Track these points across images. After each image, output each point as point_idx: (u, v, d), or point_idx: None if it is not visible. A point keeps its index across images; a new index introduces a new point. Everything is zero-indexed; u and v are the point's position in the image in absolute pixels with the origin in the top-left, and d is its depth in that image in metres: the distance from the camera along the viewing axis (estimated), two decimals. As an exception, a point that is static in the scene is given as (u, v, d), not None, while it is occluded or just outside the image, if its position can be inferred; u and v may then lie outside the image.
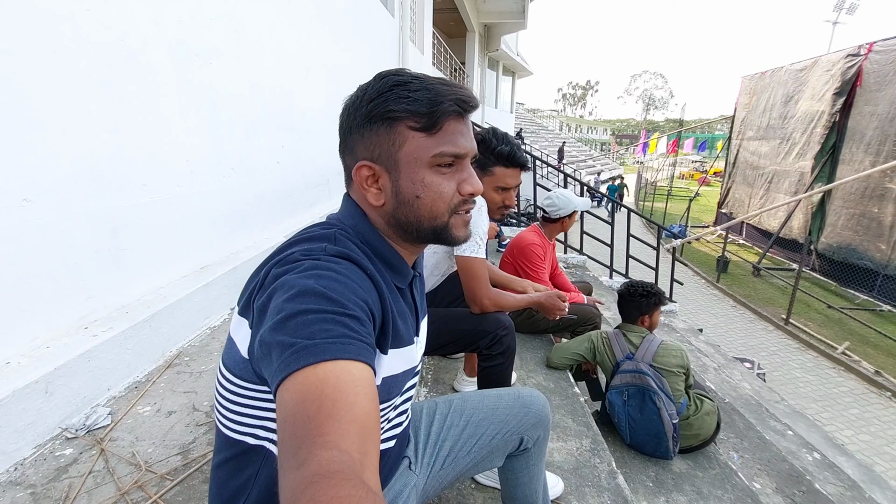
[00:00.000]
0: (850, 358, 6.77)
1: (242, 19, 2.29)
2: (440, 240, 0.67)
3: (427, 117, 0.60)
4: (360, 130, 0.63)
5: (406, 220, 0.65)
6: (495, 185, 1.53)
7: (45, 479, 1.11)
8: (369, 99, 0.62)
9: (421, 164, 0.62)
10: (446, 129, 0.61)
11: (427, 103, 0.60)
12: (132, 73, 1.62)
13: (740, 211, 13.45)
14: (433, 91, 0.60)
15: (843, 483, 2.66)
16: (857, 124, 9.73)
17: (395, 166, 0.62)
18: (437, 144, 0.61)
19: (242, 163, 2.35)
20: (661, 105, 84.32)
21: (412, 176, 0.62)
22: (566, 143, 26.71)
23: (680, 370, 2.12)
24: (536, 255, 2.44)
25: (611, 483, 1.47)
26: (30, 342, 1.31)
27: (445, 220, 0.65)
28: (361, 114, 0.62)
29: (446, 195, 0.64)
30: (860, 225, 9.38)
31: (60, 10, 1.35)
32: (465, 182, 0.65)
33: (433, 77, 0.63)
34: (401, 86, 0.60)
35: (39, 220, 1.31)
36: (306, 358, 0.45)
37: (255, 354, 0.52)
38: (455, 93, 0.61)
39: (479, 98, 0.65)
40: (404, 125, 0.61)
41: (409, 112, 0.60)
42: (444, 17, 11.51)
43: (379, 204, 0.65)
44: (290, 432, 0.41)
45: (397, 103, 0.60)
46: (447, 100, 0.60)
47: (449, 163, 0.63)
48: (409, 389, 0.77)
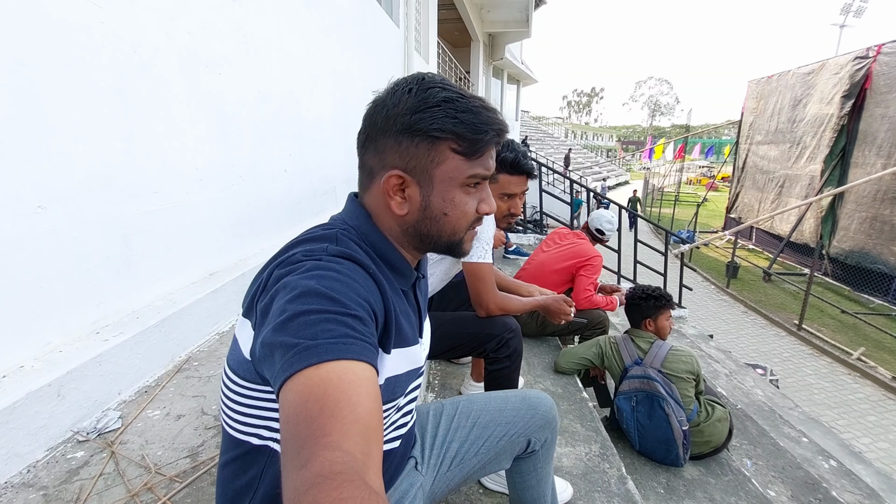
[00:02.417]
0: (866, 364, 6.63)
1: (251, 30, 2.34)
2: (451, 252, 0.69)
3: (471, 143, 0.62)
4: (398, 138, 0.62)
5: (427, 233, 0.66)
6: (500, 192, 1.50)
7: (57, 481, 1.13)
8: (413, 108, 0.61)
9: (454, 183, 0.64)
10: (484, 154, 0.64)
11: (472, 129, 0.61)
12: (144, 83, 1.66)
13: (750, 216, 13.32)
14: (478, 116, 0.61)
15: (862, 491, 2.60)
16: (867, 127, 9.64)
17: (429, 182, 0.63)
18: (472, 167, 0.63)
19: (251, 171, 2.39)
20: (666, 111, 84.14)
21: (444, 194, 0.64)
22: (572, 150, 26.72)
23: (690, 376, 2.10)
24: (600, 268, 2.61)
25: (621, 488, 1.45)
26: (43, 346, 1.33)
27: (462, 235, 0.68)
28: (403, 122, 0.61)
29: (470, 214, 0.67)
30: (873, 228, 9.24)
31: (76, 23, 1.39)
32: (484, 202, 0.68)
33: (475, 96, 0.64)
34: (449, 102, 0.61)
35: (54, 226, 1.34)
36: (309, 358, 0.45)
37: (257, 355, 0.52)
38: (497, 122, 0.63)
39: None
40: (447, 146, 0.62)
41: (455, 135, 0.61)
42: (448, 27, 11.62)
43: (401, 213, 0.65)
44: (293, 433, 0.41)
45: (444, 122, 0.60)
46: (491, 129, 0.62)
47: (476, 183, 0.66)
48: (414, 391, 0.77)
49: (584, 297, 2.45)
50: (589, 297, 2.48)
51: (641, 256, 5.42)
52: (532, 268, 2.67)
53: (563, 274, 2.54)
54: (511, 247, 4.95)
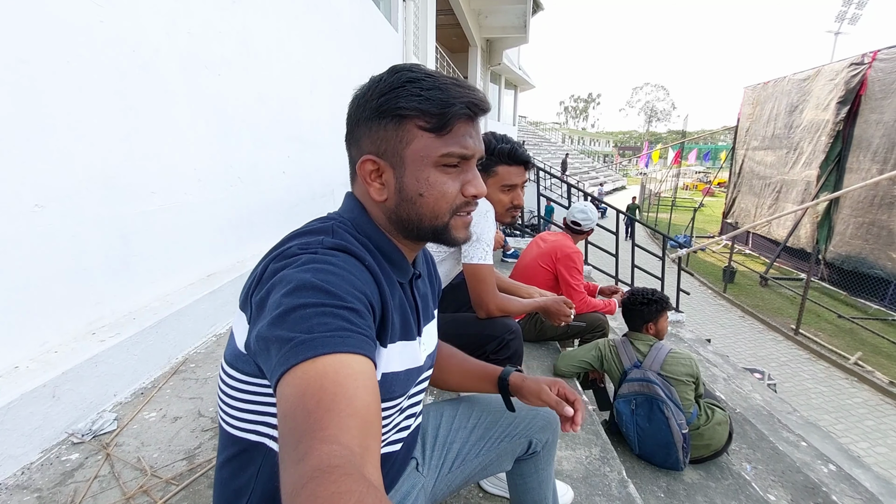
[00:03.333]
0: (863, 368, 6.64)
1: (251, 32, 2.34)
2: (439, 240, 0.67)
3: (437, 118, 0.60)
4: (368, 124, 0.62)
5: (407, 218, 0.64)
6: (500, 184, 1.50)
7: (52, 483, 1.11)
8: (380, 92, 0.61)
9: (427, 162, 0.61)
10: (455, 130, 0.61)
11: (438, 104, 0.59)
12: (144, 84, 1.66)
13: (746, 221, 13.37)
14: (445, 92, 0.60)
15: (861, 496, 2.59)
16: (863, 133, 9.71)
17: (401, 163, 0.62)
18: (445, 145, 0.61)
19: (250, 172, 2.38)
20: (663, 117, 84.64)
21: (417, 174, 0.62)
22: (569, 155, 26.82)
23: (689, 379, 2.09)
24: (581, 263, 2.49)
25: (621, 492, 1.44)
26: (38, 347, 1.31)
27: (446, 220, 0.65)
28: (371, 107, 0.62)
29: (450, 195, 0.63)
30: (870, 234, 9.28)
31: (76, 22, 1.39)
32: (469, 184, 0.65)
33: (447, 76, 0.62)
34: (413, 82, 0.60)
35: (51, 225, 1.33)
36: (305, 352, 0.44)
37: (252, 349, 0.52)
38: (467, 95, 0.61)
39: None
40: (413, 123, 0.60)
41: (420, 111, 0.59)
42: (446, 32, 11.69)
43: (381, 199, 0.64)
44: (291, 427, 0.41)
45: (408, 101, 0.59)
46: (459, 102, 0.60)
47: (454, 163, 0.63)
48: (417, 394, 0.76)
49: (579, 300, 2.40)
50: (583, 298, 2.44)
51: (639, 261, 5.43)
52: (517, 273, 2.63)
53: (546, 274, 2.47)
54: (509, 250, 4.95)
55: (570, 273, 2.43)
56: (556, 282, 2.48)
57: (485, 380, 0.92)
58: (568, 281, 2.42)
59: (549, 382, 0.84)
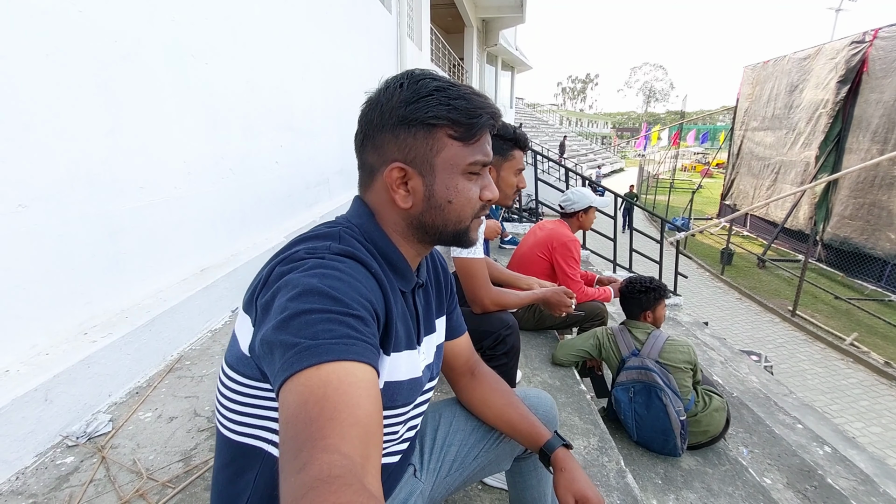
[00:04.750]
0: (859, 349, 6.71)
1: (238, 18, 2.26)
2: (459, 242, 0.69)
3: (465, 128, 0.62)
4: (395, 131, 0.63)
5: (432, 223, 0.66)
6: (515, 168, 1.52)
7: (47, 488, 1.10)
8: (407, 100, 0.62)
9: (456, 170, 0.64)
10: (481, 140, 0.65)
11: (466, 114, 0.62)
12: (127, 75, 1.60)
13: (744, 202, 13.34)
14: (470, 102, 0.62)
15: (857, 477, 2.63)
16: (863, 112, 9.61)
17: (431, 171, 0.63)
18: (472, 154, 0.64)
19: (241, 163, 2.33)
20: (661, 97, 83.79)
21: (447, 181, 0.64)
22: (567, 138, 26.58)
23: (687, 366, 2.09)
24: (578, 251, 2.44)
25: (620, 482, 1.45)
26: (29, 350, 1.29)
27: (468, 223, 0.68)
28: (398, 115, 0.62)
29: (474, 201, 0.67)
30: (870, 214, 9.26)
31: (53, 12, 1.33)
32: (487, 189, 0.68)
33: (462, 84, 0.65)
34: (441, 91, 0.62)
35: (35, 225, 1.30)
36: (309, 358, 0.44)
37: (256, 352, 0.52)
38: (490, 106, 0.64)
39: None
40: (443, 132, 0.62)
41: (450, 120, 0.62)
42: (441, 12, 11.43)
43: (406, 206, 0.65)
44: (292, 434, 0.40)
45: (438, 109, 0.61)
46: (485, 113, 0.63)
47: (478, 171, 0.66)
48: (421, 405, 0.76)
49: (575, 289, 2.38)
50: (580, 288, 2.43)
51: (637, 245, 5.41)
52: (515, 262, 2.60)
53: (543, 263, 2.45)
54: (507, 237, 4.91)
55: (567, 262, 2.40)
56: (552, 271, 2.45)
57: (526, 439, 0.86)
58: (564, 270, 2.40)
59: (592, 494, 0.76)
